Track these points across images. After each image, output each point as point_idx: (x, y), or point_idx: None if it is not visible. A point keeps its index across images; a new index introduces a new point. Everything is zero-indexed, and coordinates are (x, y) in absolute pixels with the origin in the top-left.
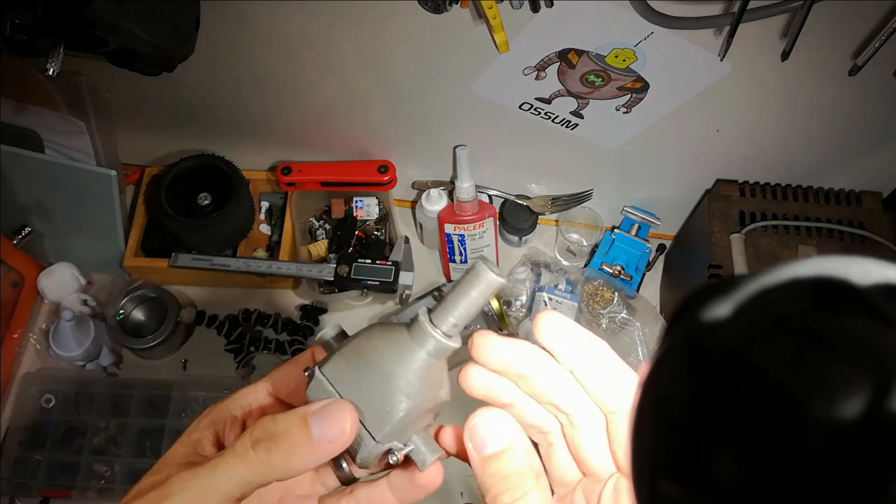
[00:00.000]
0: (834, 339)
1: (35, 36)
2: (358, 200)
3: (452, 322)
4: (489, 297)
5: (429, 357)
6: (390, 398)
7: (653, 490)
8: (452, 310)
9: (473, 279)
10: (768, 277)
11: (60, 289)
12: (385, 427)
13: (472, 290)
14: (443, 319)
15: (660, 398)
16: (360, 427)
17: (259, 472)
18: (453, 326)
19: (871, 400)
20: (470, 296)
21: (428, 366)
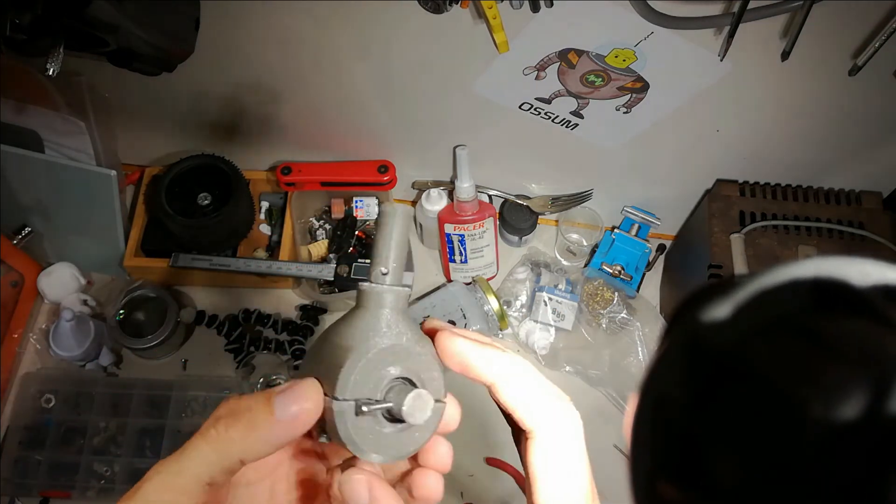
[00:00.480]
0: (833, 341)
1: (35, 36)
2: (358, 200)
3: (383, 270)
4: (407, 230)
5: (376, 310)
6: (336, 355)
7: (650, 492)
8: (382, 258)
9: (386, 220)
10: (767, 278)
11: (60, 289)
12: (338, 384)
13: (390, 231)
14: (376, 272)
15: (659, 399)
16: (329, 400)
17: (221, 451)
18: (389, 273)
19: (869, 401)
20: (391, 237)
21: (375, 316)
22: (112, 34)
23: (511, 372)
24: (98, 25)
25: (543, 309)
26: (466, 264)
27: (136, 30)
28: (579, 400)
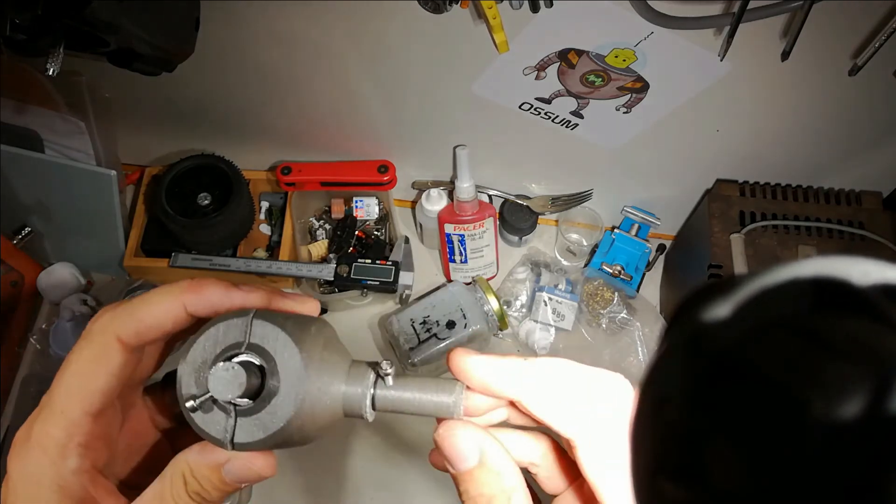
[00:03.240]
0: (834, 340)
1: (35, 36)
2: (358, 200)
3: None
4: (432, 412)
5: None
6: None
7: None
8: (404, 388)
9: (441, 392)
10: (768, 278)
11: (60, 289)
12: (177, 384)
13: (428, 396)
14: (385, 391)
15: (659, 399)
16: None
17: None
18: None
19: (870, 400)
20: (421, 399)
21: None
22: (112, 34)
23: (533, 384)
24: (98, 25)
25: (543, 309)
26: (466, 264)
27: (136, 30)
28: None
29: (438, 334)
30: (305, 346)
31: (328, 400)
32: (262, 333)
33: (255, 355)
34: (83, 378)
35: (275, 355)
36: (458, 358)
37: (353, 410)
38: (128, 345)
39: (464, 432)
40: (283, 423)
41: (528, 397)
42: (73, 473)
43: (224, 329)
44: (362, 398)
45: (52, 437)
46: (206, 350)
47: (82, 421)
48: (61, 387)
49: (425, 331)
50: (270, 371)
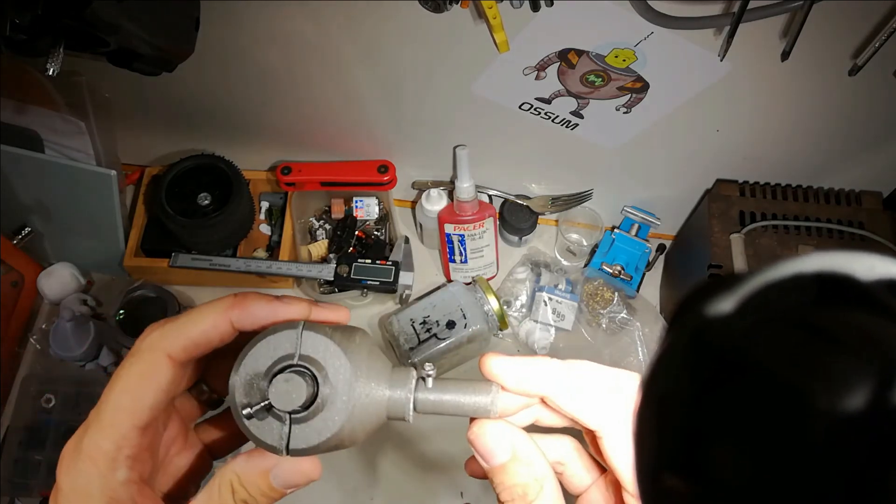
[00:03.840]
0: (837, 334)
1: (35, 36)
2: (358, 200)
3: (427, 398)
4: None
5: None
6: None
7: (656, 485)
8: (443, 391)
9: (478, 393)
10: (771, 273)
11: (60, 289)
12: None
13: (466, 397)
14: (424, 387)
15: (663, 393)
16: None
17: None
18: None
19: (874, 392)
20: (459, 400)
21: None
22: (112, 34)
23: (563, 381)
24: (98, 25)
25: (543, 309)
26: (466, 264)
27: (136, 30)
28: None
29: (438, 334)
30: (353, 354)
31: (374, 405)
32: (312, 344)
33: (308, 365)
34: (133, 393)
35: (325, 365)
36: (492, 360)
37: (396, 413)
38: (176, 361)
39: (495, 429)
40: (337, 428)
41: (558, 393)
42: (123, 485)
43: (275, 341)
44: (405, 402)
45: (102, 449)
46: (258, 362)
47: (131, 434)
48: (110, 401)
49: (425, 331)
50: (322, 380)
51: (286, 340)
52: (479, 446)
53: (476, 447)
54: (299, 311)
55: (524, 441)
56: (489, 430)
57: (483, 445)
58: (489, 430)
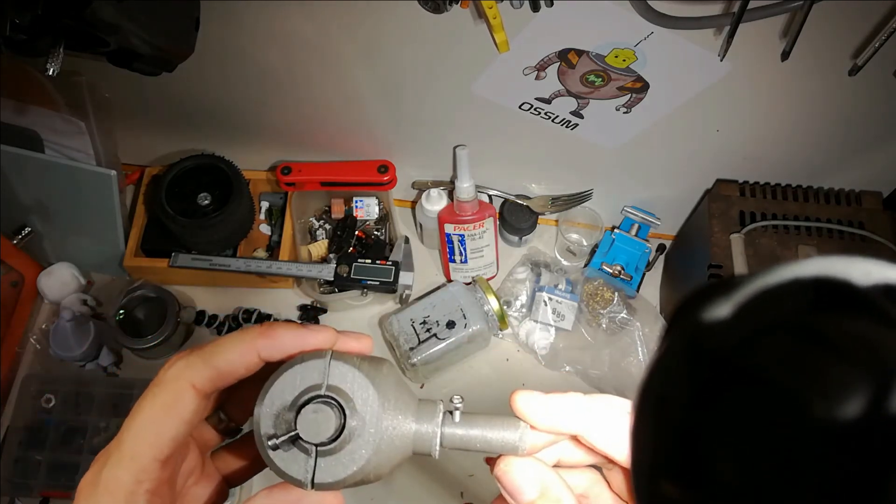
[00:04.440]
0: (834, 340)
1: (35, 36)
2: (358, 200)
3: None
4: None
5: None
6: None
7: (652, 491)
8: (470, 426)
9: (507, 429)
10: (769, 277)
11: (60, 289)
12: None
13: (494, 433)
14: (452, 429)
15: (659, 398)
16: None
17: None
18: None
19: (871, 400)
20: (487, 436)
21: None
22: (112, 34)
23: (595, 418)
24: (98, 25)
25: (543, 309)
26: (466, 264)
27: (136, 30)
28: None
29: (438, 334)
30: (380, 385)
31: (401, 438)
32: (339, 374)
33: (335, 396)
34: (155, 424)
35: (353, 396)
36: (521, 398)
37: (422, 448)
38: (201, 392)
39: (523, 466)
40: (364, 462)
41: (590, 430)
42: None
43: (302, 371)
44: (433, 436)
45: (121, 482)
46: (284, 392)
47: (152, 467)
48: (132, 432)
49: (425, 331)
50: (350, 412)
51: (313, 370)
52: (506, 483)
53: (503, 484)
54: (326, 339)
55: (552, 478)
56: (517, 467)
57: (511, 482)
58: (517, 466)
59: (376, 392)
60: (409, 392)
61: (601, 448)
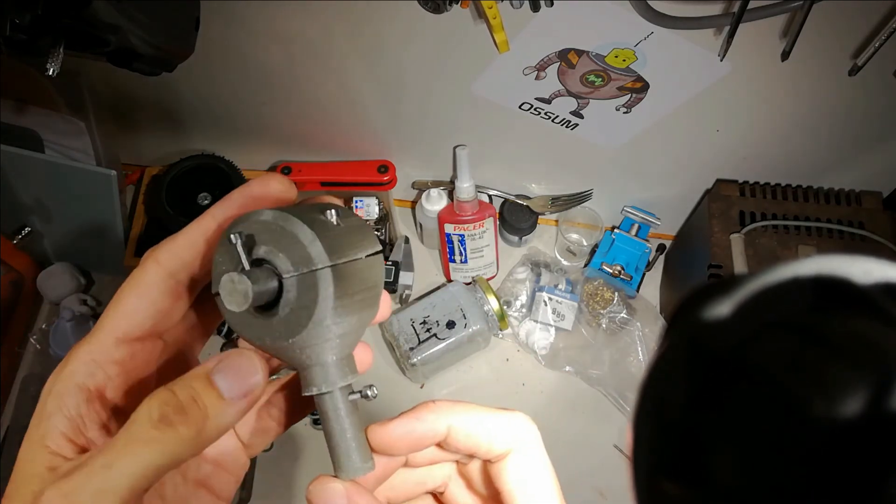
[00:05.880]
0: (834, 339)
1: (35, 36)
2: (358, 200)
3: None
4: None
5: None
6: None
7: (652, 490)
8: (344, 416)
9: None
10: (769, 276)
11: (60, 289)
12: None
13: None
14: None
15: (659, 398)
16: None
17: (171, 453)
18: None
19: (871, 399)
20: (342, 434)
21: None
22: (112, 34)
23: (459, 414)
24: (98, 25)
25: (543, 309)
26: (466, 264)
27: (136, 30)
28: (579, 400)
29: (438, 334)
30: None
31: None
32: (269, 238)
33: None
34: (115, 302)
35: (278, 265)
36: (376, 436)
37: (307, 378)
38: (164, 266)
39: (331, 488)
40: (297, 333)
41: (458, 426)
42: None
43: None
44: (324, 383)
45: (78, 357)
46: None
47: (106, 341)
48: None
49: (425, 331)
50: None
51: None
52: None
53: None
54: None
55: (363, 497)
56: (326, 487)
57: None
58: (326, 486)
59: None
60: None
61: (468, 443)
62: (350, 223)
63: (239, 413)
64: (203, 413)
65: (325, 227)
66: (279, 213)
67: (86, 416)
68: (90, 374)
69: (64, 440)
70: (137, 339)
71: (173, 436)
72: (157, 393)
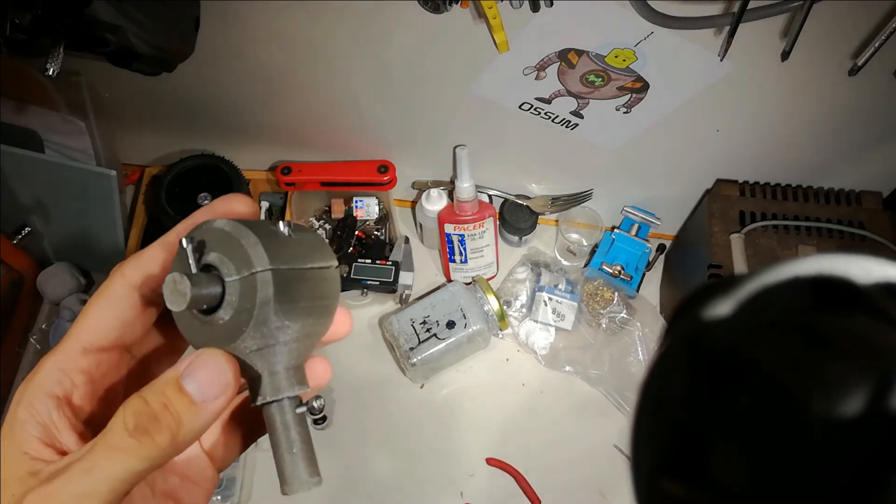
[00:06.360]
0: (834, 338)
1: (35, 36)
2: (358, 200)
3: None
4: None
5: None
6: None
7: (651, 489)
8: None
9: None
10: (769, 276)
11: (60, 289)
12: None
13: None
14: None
15: (660, 396)
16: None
17: (148, 458)
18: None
19: (871, 397)
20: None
21: None
22: (112, 34)
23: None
24: (98, 25)
25: (543, 309)
26: (466, 264)
27: (136, 30)
28: (579, 400)
29: (438, 334)
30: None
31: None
32: (217, 244)
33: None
34: (82, 315)
35: (222, 270)
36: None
37: (259, 388)
38: (129, 279)
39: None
40: (234, 336)
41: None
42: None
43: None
44: (274, 391)
45: (44, 367)
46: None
47: (71, 350)
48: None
49: (425, 331)
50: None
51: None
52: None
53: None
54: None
55: None
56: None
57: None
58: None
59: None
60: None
61: None
62: (303, 237)
63: (212, 415)
64: (176, 419)
65: (272, 235)
66: (230, 221)
67: (57, 421)
68: (58, 381)
69: (41, 445)
70: (103, 349)
71: (149, 443)
72: (131, 401)
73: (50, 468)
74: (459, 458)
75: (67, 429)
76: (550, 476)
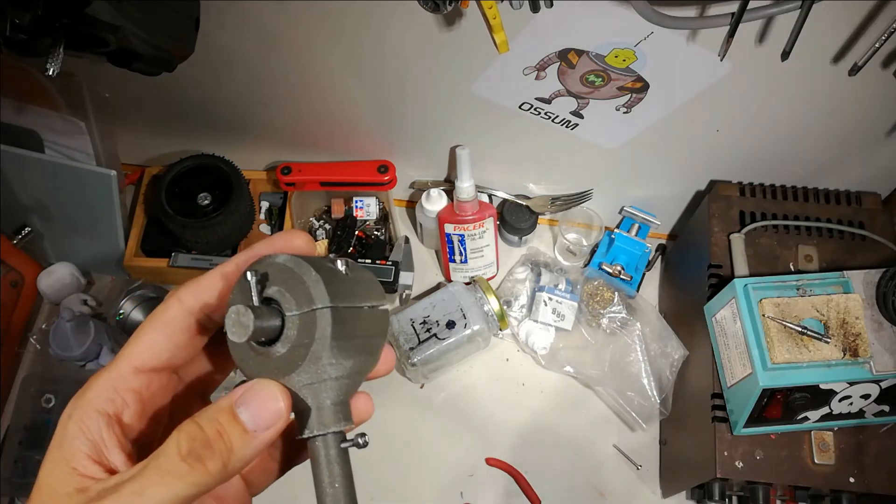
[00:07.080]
0: None
1: (35, 36)
2: (358, 200)
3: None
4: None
5: None
6: None
7: None
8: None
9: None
10: None
11: (60, 289)
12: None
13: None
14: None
15: None
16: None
17: (198, 484)
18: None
19: None
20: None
21: None
22: (112, 34)
23: None
24: (98, 25)
25: (543, 309)
26: (466, 264)
27: (136, 30)
28: (579, 400)
29: (438, 334)
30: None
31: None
32: (282, 282)
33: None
34: (137, 335)
35: (284, 308)
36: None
37: (306, 420)
38: (185, 303)
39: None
40: (287, 370)
41: None
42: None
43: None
44: (320, 426)
45: (98, 384)
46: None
47: (124, 369)
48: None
49: (425, 331)
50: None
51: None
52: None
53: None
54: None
55: None
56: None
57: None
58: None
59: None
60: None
61: None
62: (359, 275)
63: (263, 444)
64: (228, 447)
65: (331, 273)
66: (292, 257)
67: (107, 439)
68: (109, 399)
69: (90, 461)
70: (154, 370)
71: (201, 469)
72: (185, 426)
73: (98, 486)
74: (459, 458)
75: (116, 447)
76: (550, 476)
